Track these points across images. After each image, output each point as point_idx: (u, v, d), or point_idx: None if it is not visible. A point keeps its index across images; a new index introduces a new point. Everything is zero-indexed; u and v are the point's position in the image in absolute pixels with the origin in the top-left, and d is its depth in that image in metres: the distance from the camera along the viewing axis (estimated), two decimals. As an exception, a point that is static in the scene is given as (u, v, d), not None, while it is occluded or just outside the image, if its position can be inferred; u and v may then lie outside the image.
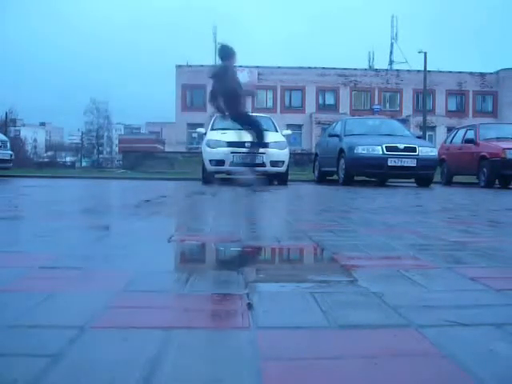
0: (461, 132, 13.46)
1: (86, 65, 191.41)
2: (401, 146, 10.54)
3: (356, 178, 11.42)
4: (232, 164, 9.69)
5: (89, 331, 0.98)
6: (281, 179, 10.54)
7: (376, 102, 40.53)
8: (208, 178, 10.32)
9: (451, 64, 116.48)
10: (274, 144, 9.79)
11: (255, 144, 7.66)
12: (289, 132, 12.79)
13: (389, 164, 10.34)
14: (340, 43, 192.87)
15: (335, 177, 11.88)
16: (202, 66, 40.77)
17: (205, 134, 11.00)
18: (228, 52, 7.31)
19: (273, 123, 11.24)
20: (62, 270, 1.56)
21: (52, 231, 2.54)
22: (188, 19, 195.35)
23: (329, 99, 41.94)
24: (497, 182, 11.91)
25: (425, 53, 30.02)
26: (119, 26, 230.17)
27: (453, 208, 4.96)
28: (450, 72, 42.12)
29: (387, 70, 44.00)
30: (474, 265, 1.76)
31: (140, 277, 1.46)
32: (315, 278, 1.49)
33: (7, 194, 6.19)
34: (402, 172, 10.67)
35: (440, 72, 41.40)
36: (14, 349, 0.88)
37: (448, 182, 13.35)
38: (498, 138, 11.72)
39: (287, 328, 1.02)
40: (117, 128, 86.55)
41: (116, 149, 70.88)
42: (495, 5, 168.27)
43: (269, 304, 1.20)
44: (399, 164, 10.39)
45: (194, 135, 34.21)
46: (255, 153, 8.12)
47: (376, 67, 45.21)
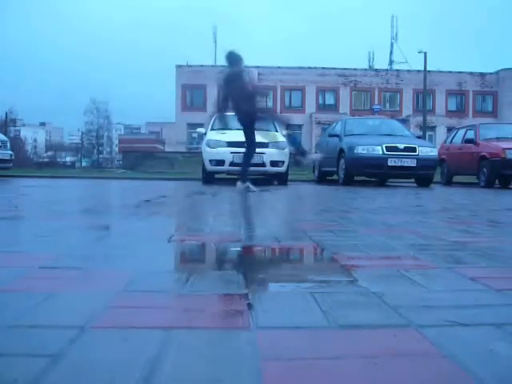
0: (461, 132, 13.46)
1: (86, 65, 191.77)
2: (401, 146, 10.54)
3: (356, 178, 11.41)
4: (232, 164, 9.70)
5: (89, 331, 0.98)
6: (281, 179, 10.53)
7: (376, 102, 40.50)
8: (208, 178, 10.33)
9: (451, 64, 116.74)
10: (274, 144, 9.78)
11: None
12: (289, 132, 12.77)
13: (389, 164, 10.34)
14: (340, 43, 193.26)
15: (335, 177, 11.87)
16: (202, 66, 40.90)
17: (205, 134, 11.00)
18: (236, 58, 7.44)
19: (273, 123, 11.23)
20: (62, 270, 1.56)
21: (52, 231, 2.55)
22: (188, 19, 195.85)
23: (329, 99, 41.92)
24: (497, 182, 11.90)
25: (425, 53, 30.03)
26: (119, 26, 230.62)
27: (453, 208, 4.96)
28: (450, 72, 42.10)
29: (387, 70, 43.97)
30: (474, 265, 1.76)
31: (140, 277, 1.46)
32: (315, 278, 1.49)
33: (7, 194, 6.19)
34: (402, 172, 10.67)
35: (440, 72, 41.38)
36: (14, 349, 0.88)
37: (448, 182, 13.34)
38: (498, 138, 11.71)
39: (287, 328, 1.02)
40: (117, 128, 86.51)
41: (116, 149, 70.85)
42: (495, 5, 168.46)
43: (269, 304, 1.20)
44: (399, 164, 10.39)
45: (194, 135, 34.20)
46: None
47: (376, 67, 45.20)
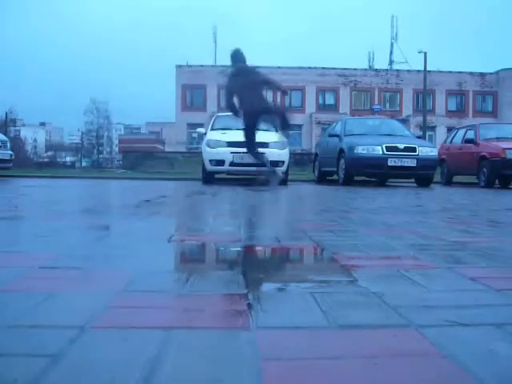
0: (461, 132, 13.45)
1: (86, 65, 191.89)
2: (401, 146, 10.54)
3: (356, 178, 11.41)
4: (232, 164, 9.70)
5: (89, 331, 0.98)
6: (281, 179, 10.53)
7: (376, 102, 40.48)
8: (208, 178, 10.33)
9: (451, 64, 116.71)
10: (274, 144, 9.79)
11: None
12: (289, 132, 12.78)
13: (389, 164, 10.33)
14: (340, 43, 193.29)
15: (335, 177, 11.87)
16: (202, 66, 40.90)
17: (205, 134, 11.00)
18: (242, 56, 7.51)
19: (274, 124, 11.23)
20: (62, 270, 1.56)
21: (52, 231, 2.54)
22: (188, 19, 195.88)
23: (329, 99, 41.91)
24: (497, 182, 11.90)
25: (425, 53, 30.02)
26: (119, 26, 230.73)
27: (453, 208, 4.96)
28: (450, 72, 42.08)
29: (387, 70, 43.96)
30: (474, 265, 1.76)
31: (140, 277, 1.46)
32: (315, 278, 1.49)
33: (7, 194, 6.18)
34: (402, 172, 10.66)
35: (440, 72, 41.36)
36: (14, 349, 0.88)
37: (448, 182, 13.34)
38: (498, 138, 11.71)
39: (287, 328, 1.02)
40: (117, 128, 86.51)
41: (116, 149, 70.84)
42: (495, 5, 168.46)
43: (269, 304, 1.20)
44: (399, 164, 10.38)
45: (194, 135, 34.17)
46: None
47: (376, 67, 45.17)
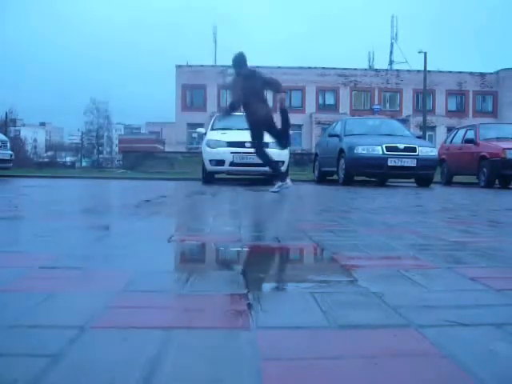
0: (461, 132, 13.45)
1: (86, 65, 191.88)
2: (401, 146, 10.53)
3: (356, 178, 11.41)
4: (232, 164, 9.71)
5: (89, 331, 0.98)
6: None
7: (376, 102, 40.46)
8: (208, 178, 10.33)
9: (451, 64, 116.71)
10: (274, 144, 9.78)
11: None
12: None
13: (389, 164, 10.33)
14: (340, 43, 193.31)
15: (335, 177, 11.87)
16: (202, 66, 40.90)
17: (205, 134, 11.01)
18: (244, 60, 7.50)
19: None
20: (62, 270, 1.56)
21: (52, 231, 2.54)
22: (188, 19, 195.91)
23: (329, 99, 41.90)
24: (497, 182, 11.90)
25: (425, 53, 30.01)
26: (119, 26, 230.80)
27: (453, 208, 4.96)
28: (450, 72, 42.07)
29: (387, 70, 43.94)
30: (474, 265, 1.76)
31: (140, 277, 1.46)
32: (315, 278, 1.49)
33: (7, 194, 6.18)
34: (402, 172, 10.66)
35: (440, 72, 41.35)
36: (14, 349, 0.88)
37: (448, 182, 13.34)
38: (498, 138, 11.71)
39: (287, 328, 1.02)
40: (117, 128, 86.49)
41: (116, 149, 70.83)
42: (495, 5, 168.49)
43: (269, 304, 1.20)
44: (399, 164, 10.38)
45: (194, 135, 34.15)
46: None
47: (376, 67, 45.15)
